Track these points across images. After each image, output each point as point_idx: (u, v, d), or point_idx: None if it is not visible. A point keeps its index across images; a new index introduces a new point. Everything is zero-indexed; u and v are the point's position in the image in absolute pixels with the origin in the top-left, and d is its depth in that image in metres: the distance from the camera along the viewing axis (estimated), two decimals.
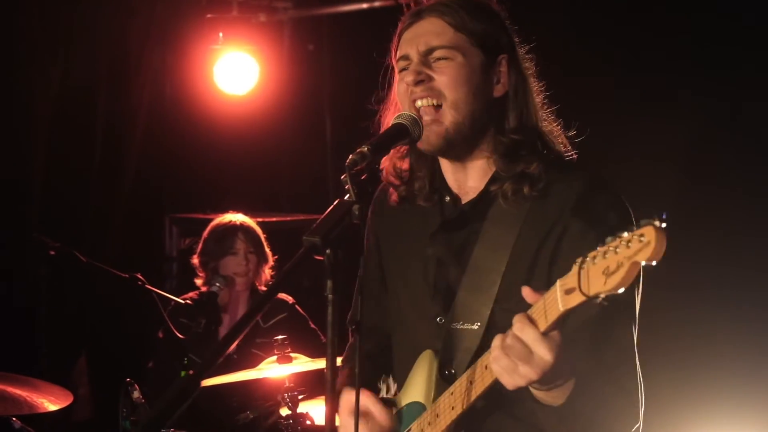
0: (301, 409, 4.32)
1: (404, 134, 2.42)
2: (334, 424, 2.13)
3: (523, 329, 2.13)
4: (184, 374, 5.14)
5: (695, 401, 4.85)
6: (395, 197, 2.72)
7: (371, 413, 2.58)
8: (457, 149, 2.55)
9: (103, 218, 6.75)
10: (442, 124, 2.49)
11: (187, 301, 5.17)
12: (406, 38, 2.58)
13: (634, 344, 2.45)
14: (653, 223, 1.89)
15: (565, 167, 2.57)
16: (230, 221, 5.42)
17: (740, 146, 5.12)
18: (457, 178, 2.63)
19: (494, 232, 2.52)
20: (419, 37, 2.54)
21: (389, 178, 2.70)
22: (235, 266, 5.31)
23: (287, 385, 4.32)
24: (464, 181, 2.61)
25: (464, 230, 2.59)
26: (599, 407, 2.33)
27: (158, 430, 1.75)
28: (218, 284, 5.16)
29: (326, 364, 2.10)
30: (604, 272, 1.97)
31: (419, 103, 2.50)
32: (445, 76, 2.49)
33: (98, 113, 6.67)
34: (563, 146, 2.62)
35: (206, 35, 7.07)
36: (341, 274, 2.04)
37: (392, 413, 2.61)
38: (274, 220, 6.67)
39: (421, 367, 2.58)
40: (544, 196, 2.49)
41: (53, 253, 4.99)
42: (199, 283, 5.40)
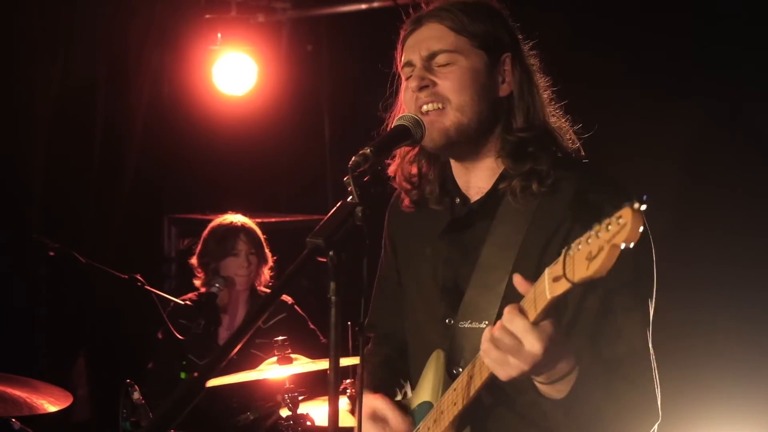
0: (301, 410, 4.32)
1: (407, 135, 2.42)
2: (337, 424, 2.13)
3: (512, 320, 2.13)
4: (183, 375, 5.15)
5: (695, 401, 4.85)
6: (407, 202, 2.72)
7: (388, 419, 2.60)
8: (462, 148, 2.55)
9: (102, 218, 6.74)
10: (444, 123, 2.49)
11: (186, 301, 5.14)
12: (408, 45, 2.58)
13: (647, 340, 2.43)
14: (631, 204, 1.88)
15: (573, 164, 2.56)
16: (231, 222, 5.39)
17: (740, 146, 5.13)
18: (467, 179, 2.63)
19: (502, 230, 2.51)
20: (421, 43, 2.55)
21: (401, 183, 2.70)
22: (236, 267, 5.30)
23: (287, 386, 4.32)
24: (474, 181, 2.61)
25: (473, 229, 2.59)
26: (610, 403, 2.32)
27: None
28: (218, 285, 5.12)
29: (329, 365, 2.08)
30: (587, 258, 1.96)
31: (425, 108, 2.50)
32: (448, 80, 2.50)
33: (97, 113, 6.67)
34: (572, 142, 2.62)
35: (205, 36, 7.07)
36: (344, 275, 2.04)
37: (409, 419, 2.61)
38: (272, 220, 6.66)
39: (431, 367, 2.59)
40: (552, 192, 2.48)
41: (53, 253, 4.97)
42: (197, 283, 5.38)
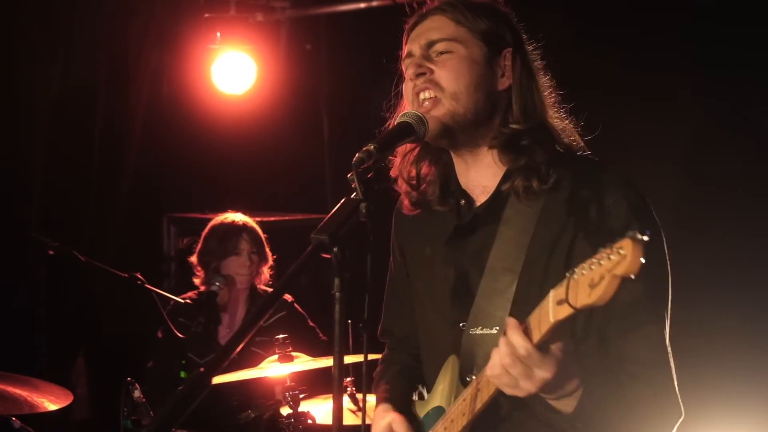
0: (302, 408, 4.32)
1: (409, 132, 2.40)
2: (341, 421, 2.13)
3: (526, 352, 2.14)
4: (183, 374, 5.15)
5: (695, 401, 4.85)
6: (407, 204, 2.69)
7: None
8: (459, 138, 2.52)
9: (101, 218, 6.74)
10: (439, 111, 2.46)
11: (186, 300, 5.15)
12: (410, 38, 2.59)
13: (664, 338, 2.41)
14: (632, 235, 1.88)
15: (576, 161, 2.53)
16: (233, 221, 5.36)
17: (740, 146, 5.13)
18: (469, 177, 2.60)
19: (509, 233, 2.49)
20: (422, 34, 2.55)
21: (401, 185, 2.68)
22: (238, 267, 5.28)
23: (288, 383, 4.32)
24: (477, 180, 2.59)
25: (479, 233, 2.56)
26: (624, 409, 2.33)
27: (169, 430, 1.75)
28: (218, 283, 5.13)
29: (333, 361, 2.09)
30: (589, 284, 1.96)
31: (422, 95, 2.49)
32: (445, 69, 2.48)
33: (97, 113, 6.67)
34: (575, 143, 2.58)
35: (204, 35, 7.07)
36: (348, 272, 2.04)
37: None
38: (271, 219, 6.66)
39: (445, 372, 2.58)
40: (557, 190, 2.46)
41: (52, 252, 4.97)
42: (197, 282, 5.37)
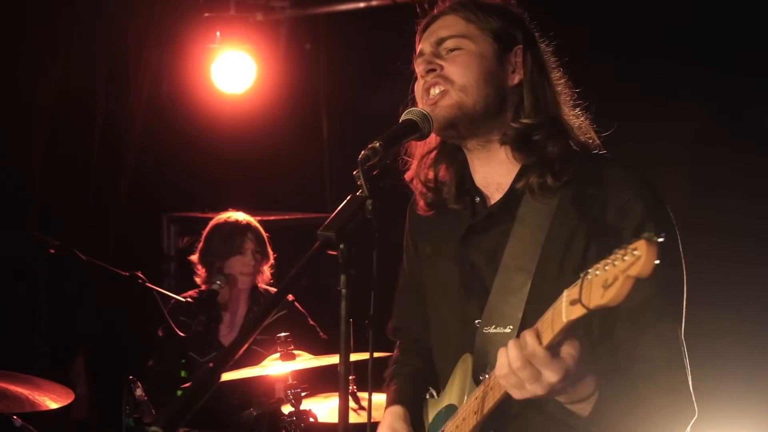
0: (304, 406, 4.33)
1: (414, 129, 2.40)
2: (347, 418, 2.14)
3: (533, 353, 2.15)
4: (184, 373, 5.15)
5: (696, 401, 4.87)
6: (422, 205, 2.69)
7: None
8: (469, 131, 2.53)
9: (101, 217, 6.74)
10: (446, 102, 2.48)
11: (187, 299, 5.15)
12: (423, 38, 2.61)
13: (679, 338, 2.42)
14: (647, 236, 1.89)
15: (591, 159, 2.53)
16: (237, 220, 5.35)
17: (740, 146, 5.14)
18: (483, 174, 2.60)
19: (524, 231, 2.48)
20: (433, 33, 2.57)
21: (418, 187, 2.69)
22: (242, 266, 5.27)
23: (290, 382, 4.33)
24: (491, 177, 2.59)
25: (494, 231, 2.56)
26: (639, 412, 2.34)
27: (177, 427, 1.76)
28: (219, 282, 5.13)
29: (339, 358, 2.10)
30: (603, 285, 1.96)
31: (432, 91, 2.50)
32: (455, 64, 2.50)
33: (97, 113, 6.67)
34: (591, 140, 2.58)
35: (204, 34, 7.07)
36: (354, 269, 2.06)
37: None
38: (271, 218, 6.66)
39: (458, 371, 2.59)
40: (572, 188, 2.46)
41: (53, 251, 4.98)
42: (198, 281, 5.36)
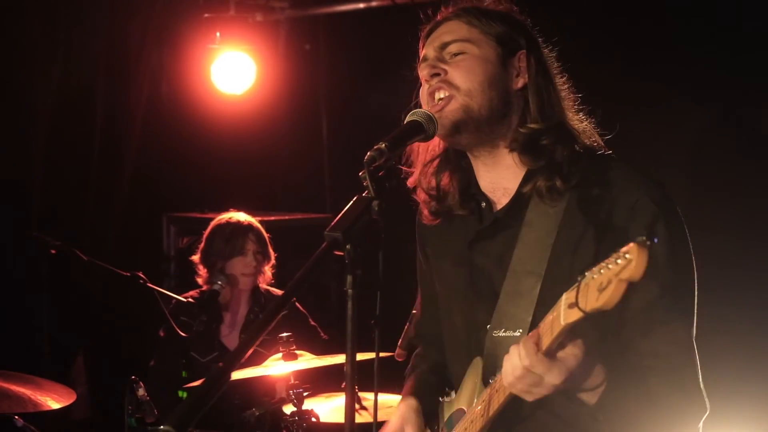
0: (306, 406, 4.33)
1: (419, 130, 2.41)
2: (353, 418, 2.15)
3: (533, 362, 2.17)
4: (185, 373, 5.16)
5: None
6: (426, 213, 2.70)
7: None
8: (475, 136, 2.53)
9: (101, 218, 6.74)
10: (452, 107, 2.48)
11: (188, 299, 5.15)
12: (426, 44, 2.62)
13: (690, 335, 2.44)
14: (639, 240, 1.89)
15: (598, 161, 2.53)
16: (238, 221, 5.35)
17: (741, 146, 5.15)
18: (490, 180, 2.61)
19: (532, 235, 2.49)
20: (436, 38, 2.59)
21: (421, 195, 2.69)
22: (243, 267, 5.27)
23: (292, 382, 4.33)
24: (497, 182, 2.59)
25: (502, 236, 2.57)
26: (648, 406, 2.35)
27: (189, 426, 1.76)
28: (220, 282, 5.14)
29: (346, 358, 2.12)
30: (598, 288, 1.97)
31: (437, 95, 2.51)
32: (459, 68, 2.51)
33: (97, 113, 6.67)
34: (596, 144, 2.59)
35: (203, 35, 7.08)
36: (360, 269, 2.07)
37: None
38: (271, 219, 6.66)
39: (470, 374, 2.60)
40: (579, 191, 2.47)
41: (54, 252, 4.99)
42: (200, 281, 5.36)
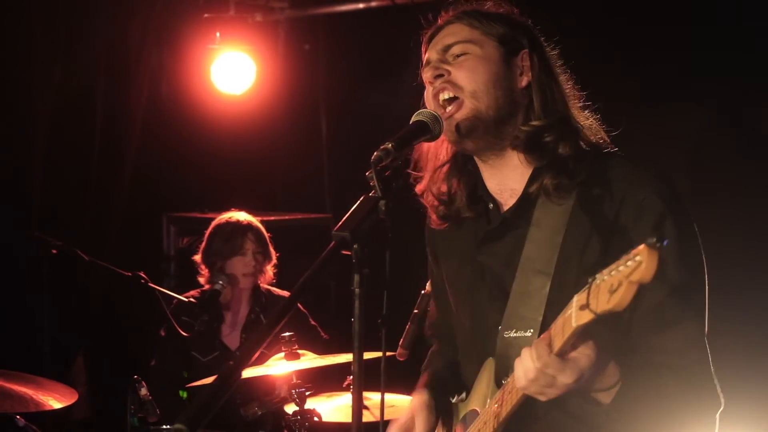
0: (308, 405, 4.34)
1: (425, 130, 2.42)
2: (360, 417, 2.16)
3: (545, 363, 2.18)
4: (186, 373, 5.16)
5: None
6: (435, 218, 2.71)
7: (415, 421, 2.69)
8: (483, 139, 2.53)
9: (101, 218, 6.74)
10: (462, 113, 2.49)
11: (189, 299, 5.16)
12: (429, 47, 2.63)
13: (700, 335, 2.42)
14: (649, 243, 1.90)
15: (604, 158, 2.53)
16: (238, 220, 5.36)
17: (741, 146, 5.15)
18: (496, 181, 2.61)
19: (540, 234, 2.49)
20: (438, 41, 2.60)
21: (429, 200, 2.70)
22: (243, 266, 5.28)
23: (294, 381, 4.34)
24: (504, 183, 2.60)
25: (510, 236, 2.57)
26: (662, 404, 2.35)
27: (200, 425, 1.77)
28: (221, 282, 5.15)
29: (353, 357, 2.11)
30: (609, 290, 1.98)
31: (441, 96, 2.52)
32: (462, 69, 2.52)
33: (97, 113, 6.67)
34: (602, 140, 2.59)
35: (203, 35, 7.08)
36: (367, 268, 2.07)
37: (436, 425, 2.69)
38: (270, 218, 6.66)
39: (483, 376, 2.60)
40: (586, 188, 2.47)
41: (55, 252, 4.99)
42: (202, 281, 5.37)
